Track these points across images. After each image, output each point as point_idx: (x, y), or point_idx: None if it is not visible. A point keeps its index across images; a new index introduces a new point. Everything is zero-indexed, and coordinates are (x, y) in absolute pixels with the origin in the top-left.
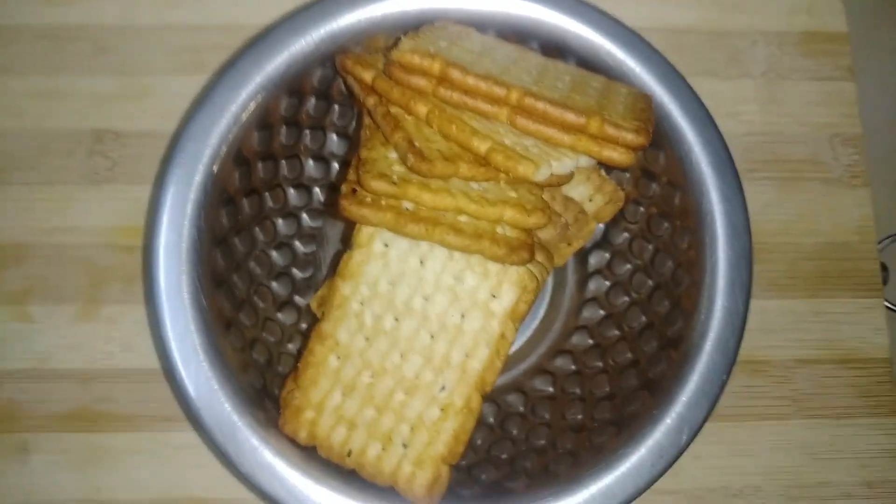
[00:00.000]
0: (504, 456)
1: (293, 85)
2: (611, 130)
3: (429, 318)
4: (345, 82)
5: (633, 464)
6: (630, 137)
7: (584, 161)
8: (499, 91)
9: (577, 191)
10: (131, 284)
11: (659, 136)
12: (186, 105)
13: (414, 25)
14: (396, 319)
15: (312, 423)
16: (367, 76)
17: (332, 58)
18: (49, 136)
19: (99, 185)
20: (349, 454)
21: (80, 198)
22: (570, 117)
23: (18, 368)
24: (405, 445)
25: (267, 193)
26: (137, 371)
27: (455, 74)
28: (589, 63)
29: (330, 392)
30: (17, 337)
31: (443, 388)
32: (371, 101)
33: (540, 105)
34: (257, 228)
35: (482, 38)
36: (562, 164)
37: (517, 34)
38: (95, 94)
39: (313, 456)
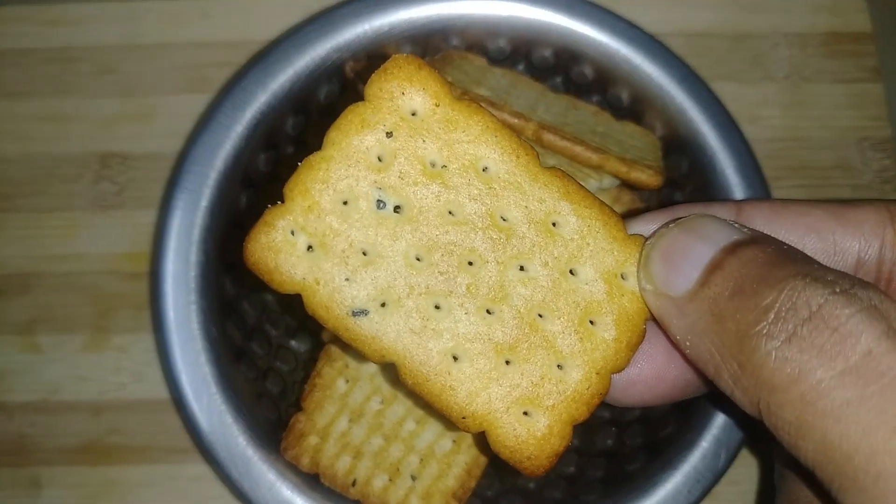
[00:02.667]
0: (531, 485)
1: (299, 102)
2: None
3: None
4: (355, 89)
5: (669, 491)
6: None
7: (608, 182)
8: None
9: None
10: (140, 312)
11: (681, 142)
12: (193, 125)
13: (422, 35)
14: None
15: (316, 450)
16: None
17: (339, 73)
18: (55, 161)
19: (106, 211)
20: (353, 484)
21: (87, 224)
22: (596, 141)
23: (28, 401)
24: (413, 478)
25: None
26: (149, 402)
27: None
28: (605, 69)
29: (336, 417)
30: (26, 368)
31: None
32: None
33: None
34: None
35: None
36: (587, 184)
37: (529, 41)
38: (101, 116)
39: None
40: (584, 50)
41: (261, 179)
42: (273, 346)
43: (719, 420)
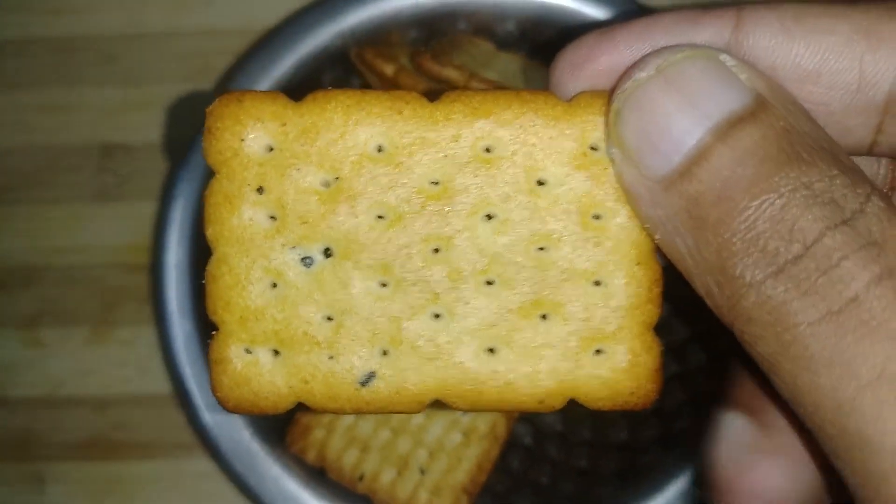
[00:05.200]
0: (543, 479)
1: (303, 89)
2: None
3: None
4: (362, 77)
5: (684, 484)
6: None
7: None
8: None
9: None
10: (144, 305)
11: None
12: (196, 114)
13: (428, 19)
14: None
15: (322, 443)
16: (389, 70)
17: (344, 57)
18: (58, 151)
19: (109, 202)
20: (361, 478)
21: (89, 216)
22: None
23: (32, 395)
24: (423, 471)
25: None
26: (154, 396)
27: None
28: None
29: None
30: (29, 363)
31: None
32: None
33: None
34: None
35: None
36: None
37: (538, 23)
38: (104, 105)
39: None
40: None
41: None
42: None
43: None
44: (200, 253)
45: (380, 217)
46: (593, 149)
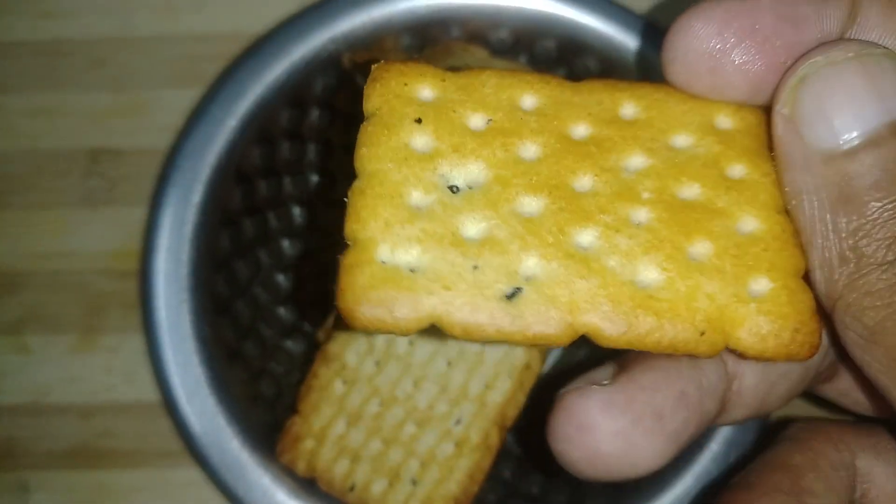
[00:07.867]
0: (535, 490)
1: (294, 95)
2: None
3: (446, 343)
4: (353, 82)
5: (678, 494)
6: None
7: None
8: None
9: None
10: (131, 312)
11: None
12: (186, 119)
13: (421, 26)
14: (410, 343)
15: (312, 454)
16: None
17: (336, 65)
18: (44, 156)
19: (96, 208)
20: (352, 489)
21: (76, 221)
22: None
23: (16, 403)
24: (414, 482)
25: (271, 213)
26: (140, 404)
27: None
28: (611, 63)
29: (333, 420)
30: (14, 370)
31: (458, 421)
32: None
33: None
34: (262, 251)
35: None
36: None
37: (533, 31)
38: (92, 110)
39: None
40: (589, 42)
41: (254, 174)
42: (268, 346)
43: None
44: (190, 259)
45: (525, 157)
46: (715, 124)
